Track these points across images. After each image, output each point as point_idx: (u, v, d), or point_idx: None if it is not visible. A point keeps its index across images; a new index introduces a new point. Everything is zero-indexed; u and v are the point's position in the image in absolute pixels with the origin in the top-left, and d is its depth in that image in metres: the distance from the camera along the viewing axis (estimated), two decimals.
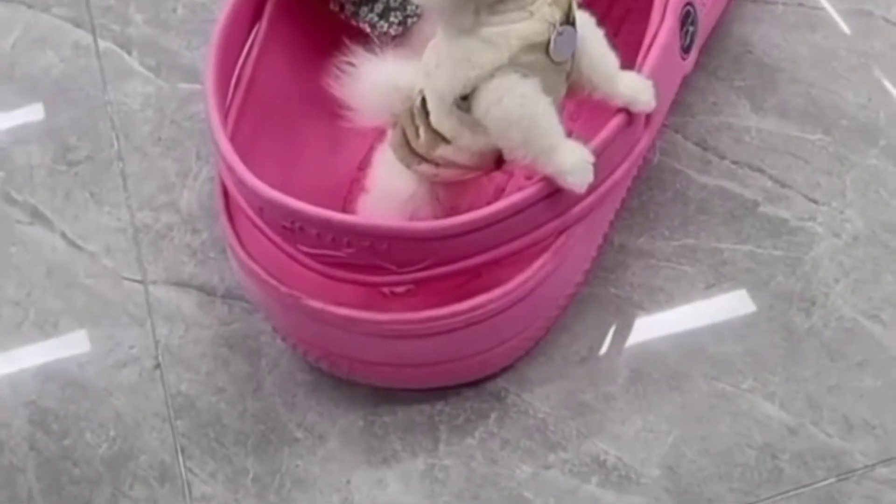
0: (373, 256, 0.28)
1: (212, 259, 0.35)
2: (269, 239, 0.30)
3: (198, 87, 0.40)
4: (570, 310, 0.34)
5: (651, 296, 0.34)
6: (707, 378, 0.32)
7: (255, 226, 0.30)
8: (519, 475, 0.31)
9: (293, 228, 0.28)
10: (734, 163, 0.37)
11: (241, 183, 0.29)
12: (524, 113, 0.27)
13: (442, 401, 0.32)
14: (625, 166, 0.31)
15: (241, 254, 0.30)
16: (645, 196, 0.36)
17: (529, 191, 0.29)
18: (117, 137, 0.39)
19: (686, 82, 0.36)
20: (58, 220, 0.37)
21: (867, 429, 0.31)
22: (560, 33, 0.28)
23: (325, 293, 0.29)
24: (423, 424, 0.32)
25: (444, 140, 0.29)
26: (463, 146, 0.29)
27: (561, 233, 0.30)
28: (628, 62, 0.32)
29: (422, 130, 0.29)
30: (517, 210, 0.28)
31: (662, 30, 0.32)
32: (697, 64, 0.38)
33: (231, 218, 0.31)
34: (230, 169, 0.29)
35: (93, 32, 0.41)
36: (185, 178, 0.37)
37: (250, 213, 0.30)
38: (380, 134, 0.32)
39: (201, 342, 0.34)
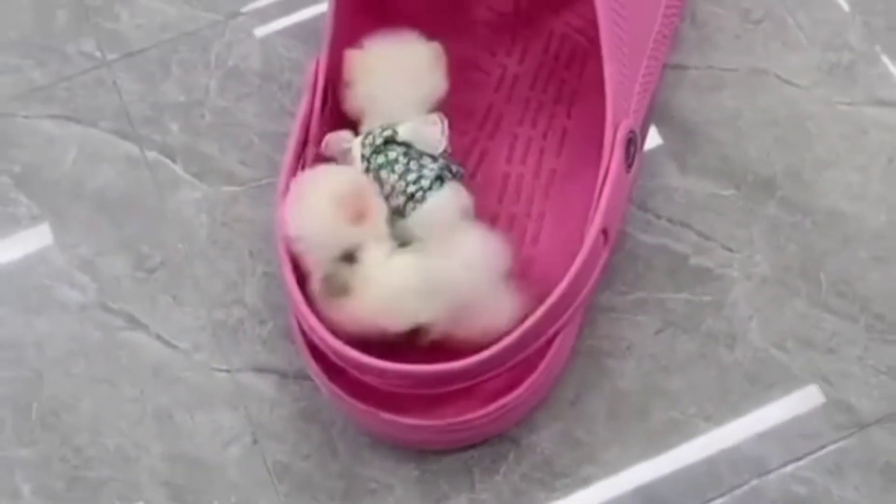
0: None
1: (279, 346, 0.46)
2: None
3: (236, 188, 0.49)
4: None
5: (616, 344, 0.45)
6: (664, 409, 0.44)
7: None
8: (535, 501, 0.43)
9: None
10: (669, 221, 0.48)
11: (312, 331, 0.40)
12: None
13: (472, 448, 0.44)
14: (593, 280, 0.42)
15: (322, 378, 0.41)
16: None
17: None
18: (182, 243, 0.48)
19: None
20: (151, 323, 0.47)
21: (776, 436, 0.43)
22: None
23: (394, 405, 0.40)
24: (460, 469, 0.44)
25: None
26: None
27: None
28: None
29: None
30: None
31: (612, 167, 0.42)
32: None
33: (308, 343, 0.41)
34: (308, 325, 0.40)
35: (139, 144, 0.50)
36: (244, 276, 0.47)
37: None
38: None
39: (284, 419, 0.45)
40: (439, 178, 0.41)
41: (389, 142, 0.42)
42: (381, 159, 0.41)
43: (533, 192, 0.48)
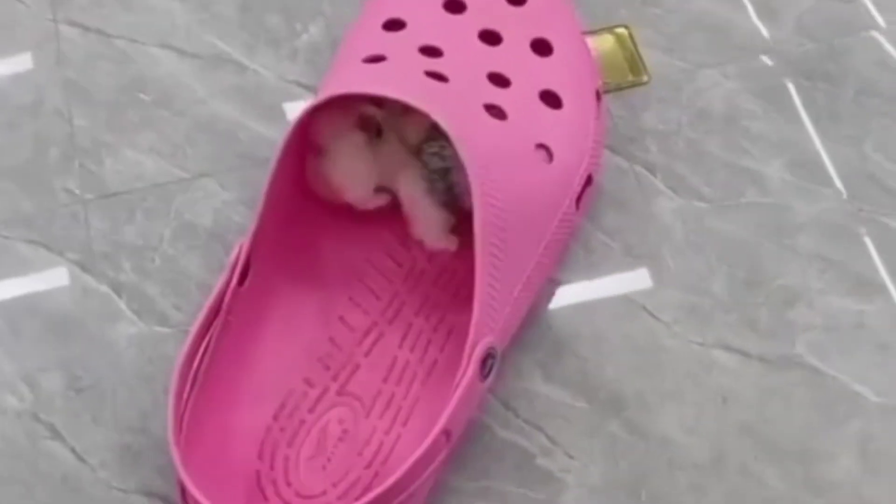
0: None
1: (171, 476, 0.53)
2: None
3: (167, 330, 0.57)
4: None
5: None
6: None
7: None
8: None
9: None
10: (525, 421, 0.55)
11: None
12: None
13: None
14: (430, 471, 0.49)
15: None
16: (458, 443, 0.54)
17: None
18: (111, 371, 0.56)
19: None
20: (69, 437, 0.55)
21: None
22: None
23: None
24: None
25: None
26: None
27: None
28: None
29: None
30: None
31: (463, 381, 0.49)
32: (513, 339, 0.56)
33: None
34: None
35: (95, 276, 0.58)
36: (156, 408, 0.55)
37: None
38: None
39: None
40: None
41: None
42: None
43: (414, 377, 0.55)
